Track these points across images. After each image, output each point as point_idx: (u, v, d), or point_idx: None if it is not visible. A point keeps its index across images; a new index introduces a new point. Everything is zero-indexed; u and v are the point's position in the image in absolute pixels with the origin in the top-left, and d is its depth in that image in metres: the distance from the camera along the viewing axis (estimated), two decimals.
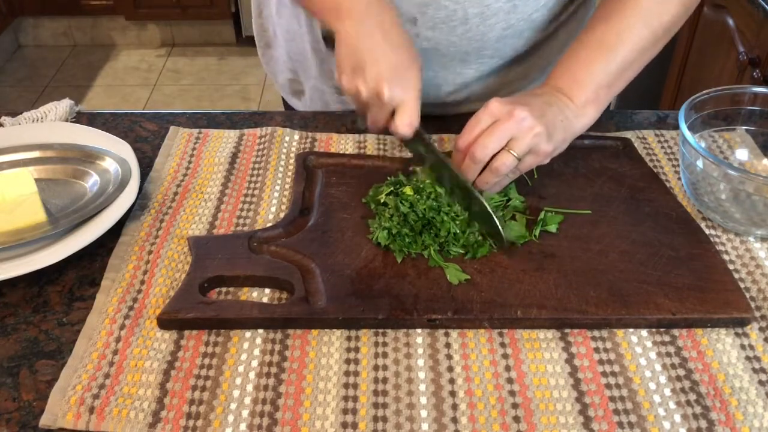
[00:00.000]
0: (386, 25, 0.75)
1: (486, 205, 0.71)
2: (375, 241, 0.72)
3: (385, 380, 0.61)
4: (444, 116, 0.93)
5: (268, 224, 0.76)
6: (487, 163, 0.71)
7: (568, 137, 0.75)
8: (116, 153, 0.82)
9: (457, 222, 0.72)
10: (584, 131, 0.77)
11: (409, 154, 0.87)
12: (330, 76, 0.97)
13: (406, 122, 0.73)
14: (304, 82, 1.03)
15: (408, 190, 0.74)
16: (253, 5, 1.05)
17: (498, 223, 0.70)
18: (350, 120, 0.94)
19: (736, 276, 0.70)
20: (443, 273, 0.68)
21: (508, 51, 0.90)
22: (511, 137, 0.70)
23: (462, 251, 0.71)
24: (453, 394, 0.60)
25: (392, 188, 0.77)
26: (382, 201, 0.75)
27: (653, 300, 0.66)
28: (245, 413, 0.58)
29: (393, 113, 0.73)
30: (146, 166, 0.85)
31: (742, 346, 0.64)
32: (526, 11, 0.85)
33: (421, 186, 0.75)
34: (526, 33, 0.88)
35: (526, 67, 0.94)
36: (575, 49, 0.79)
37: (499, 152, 0.71)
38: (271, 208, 0.78)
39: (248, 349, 0.63)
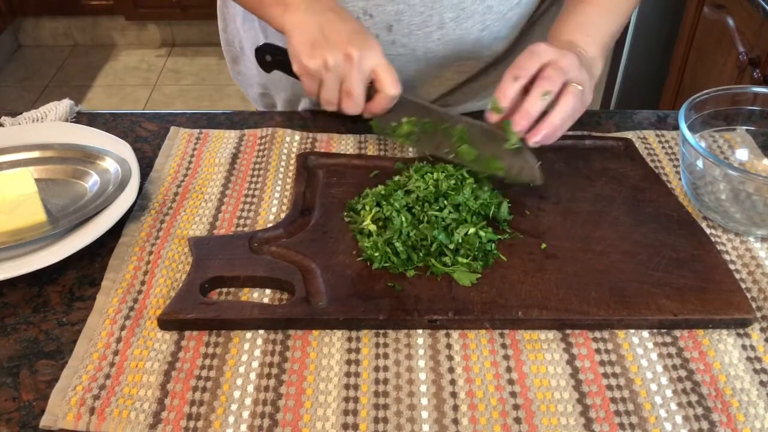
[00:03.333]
0: (336, 8, 0.74)
1: (516, 138, 0.70)
2: (368, 260, 0.69)
3: (385, 381, 0.61)
4: None
5: (269, 225, 0.76)
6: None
7: (592, 91, 0.76)
8: (116, 153, 0.82)
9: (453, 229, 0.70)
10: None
11: (410, 154, 0.87)
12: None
13: (390, 81, 0.71)
14: (275, 96, 1.02)
15: (393, 215, 0.70)
16: (219, 20, 1.03)
17: (531, 159, 0.71)
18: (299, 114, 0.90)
19: (737, 276, 0.70)
20: (444, 273, 0.68)
21: (486, 53, 0.90)
22: (569, 75, 0.70)
23: (466, 261, 0.68)
24: (454, 395, 0.60)
25: (373, 207, 0.73)
26: (362, 228, 0.72)
27: (654, 301, 0.66)
28: (246, 414, 0.58)
29: (367, 91, 0.71)
30: (146, 166, 0.84)
31: (744, 347, 0.64)
32: (501, 11, 0.85)
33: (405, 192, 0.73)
34: (503, 32, 0.88)
35: (504, 68, 0.94)
36: (579, 6, 0.80)
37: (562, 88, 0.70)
38: (272, 208, 0.78)
39: (249, 349, 0.63)
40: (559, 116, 0.71)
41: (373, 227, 0.71)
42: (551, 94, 0.70)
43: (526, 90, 0.72)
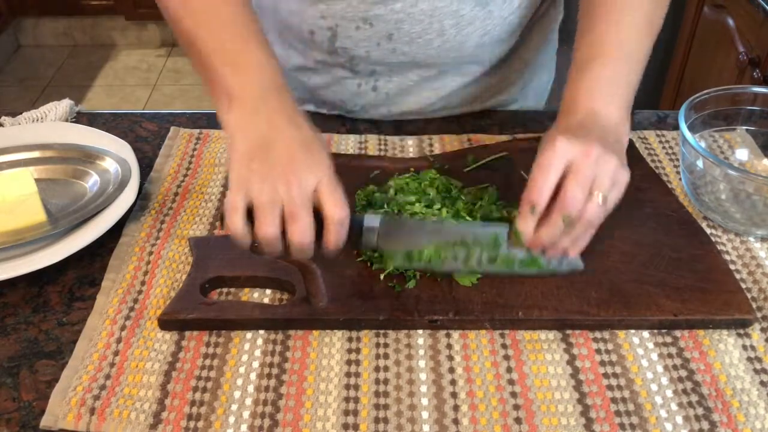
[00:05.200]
0: (288, 110, 0.64)
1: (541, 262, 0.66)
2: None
3: (386, 381, 0.61)
4: (425, 119, 0.93)
5: None
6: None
7: (625, 157, 0.67)
8: (116, 153, 0.82)
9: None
10: None
11: (411, 153, 0.87)
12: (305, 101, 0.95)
13: (333, 202, 0.59)
14: None
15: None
16: None
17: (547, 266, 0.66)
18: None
19: (737, 276, 0.70)
20: (445, 273, 0.68)
21: (487, 57, 0.90)
22: (593, 179, 0.61)
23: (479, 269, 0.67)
24: (454, 395, 0.60)
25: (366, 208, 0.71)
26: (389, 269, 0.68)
27: (655, 301, 0.66)
28: (246, 414, 0.58)
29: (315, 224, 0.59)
30: (146, 166, 0.84)
31: (744, 347, 0.64)
32: (502, 15, 0.85)
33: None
34: (503, 37, 0.88)
35: (505, 71, 0.94)
36: (591, 66, 0.71)
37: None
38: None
39: (249, 350, 0.63)
40: (579, 232, 0.64)
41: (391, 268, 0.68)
42: (573, 215, 0.62)
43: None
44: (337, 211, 0.59)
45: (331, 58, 0.88)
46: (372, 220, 0.65)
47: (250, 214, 0.59)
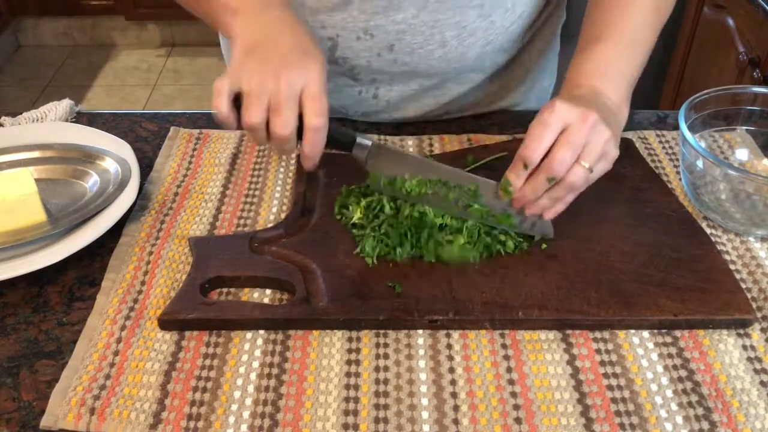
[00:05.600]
0: (287, 18, 0.68)
1: (513, 216, 0.69)
2: (363, 254, 0.70)
3: (386, 381, 0.61)
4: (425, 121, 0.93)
5: (269, 225, 0.76)
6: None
7: (620, 138, 0.69)
8: (116, 153, 0.82)
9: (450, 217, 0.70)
10: None
11: (412, 151, 0.87)
12: None
13: (314, 111, 0.62)
14: None
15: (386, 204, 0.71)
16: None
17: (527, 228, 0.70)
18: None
19: (737, 276, 0.70)
20: (445, 273, 0.68)
21: (489, 65, 0.90)
22: (585, 145, 0.63)
23: (463, 241, 0.69)
24: (454, 395, 0.60)
25: (360, 200, 0.73)
26: (354, 223, 0.72)
27: (655, 301, 0.66)
28: (246, 414, 0.58)
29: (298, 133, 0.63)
30: (146, 166, 0.84)
31: (744, 347, 0.64)
32: (504, 25, 0.85)
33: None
34: (505, 45, 0.88)
35: (506, 78, 0.94)
36: (599, 46, 0.73)
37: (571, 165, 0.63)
38: (272, 208, 0.78)
39: (249, 350, 0.63)
40: (556, 196, 0.66)
41: (361, 216, 0.72)
42: (557, 178, 0.64)
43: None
44: (314, 119, 0.61)
45: (332, 68, 0.88)
46: (365, 138, 0.70)
47: (238, 102, 0.63)
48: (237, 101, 0.64)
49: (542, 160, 0.64)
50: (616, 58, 0.72)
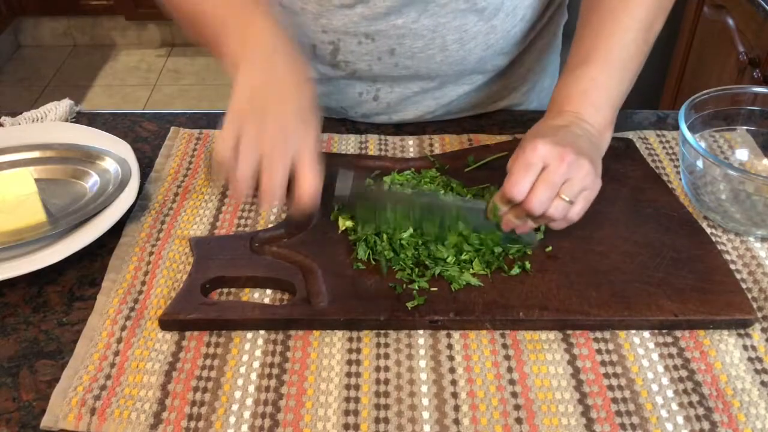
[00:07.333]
0: (295, 76, 0.67)
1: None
2: (358, 257, 0.70)
3: (386, 381, 0.61)
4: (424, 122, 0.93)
5: (270, 225, 0.76)
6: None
7: (601, 165, 0.70)
8: (116, 153, 0.81)
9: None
10: None
11: (412, 154, 0.87)
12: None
13: (307, 187, 0.62)
14: None
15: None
16: None
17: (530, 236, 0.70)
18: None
19: (738, 276, 0.70)
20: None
21: (489, 68, 0.90)
22: (565, 181, 0.65)
23: (467, 257, 0.69)
24: (455, 395, 0.60)
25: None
26: (343, 228, 0.73)
27: (655, 301, 0.66)
28: (247, 414, 0.58)
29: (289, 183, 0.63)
30: (146, 166, 0.84)
31: (745, 347, 0.64)
32: (505, 28, 0.85)
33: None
34: (507, 49, 0.88)
35: (507, 80, 0.94)
36: (585, 69, 0.73)
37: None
38: (273, 208, 0.78)
39: (250, 350, 0.63)
40: (542, 222, 0.68)
41: (349, 224, 0.72)
42: (536, 215, 0.66)
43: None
44: (306, 187, 0.62)
45: (334, 71, 0.88)
46: (343, 189, 0.69)
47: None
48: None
49: None
50: (603, 81, 0.72)
